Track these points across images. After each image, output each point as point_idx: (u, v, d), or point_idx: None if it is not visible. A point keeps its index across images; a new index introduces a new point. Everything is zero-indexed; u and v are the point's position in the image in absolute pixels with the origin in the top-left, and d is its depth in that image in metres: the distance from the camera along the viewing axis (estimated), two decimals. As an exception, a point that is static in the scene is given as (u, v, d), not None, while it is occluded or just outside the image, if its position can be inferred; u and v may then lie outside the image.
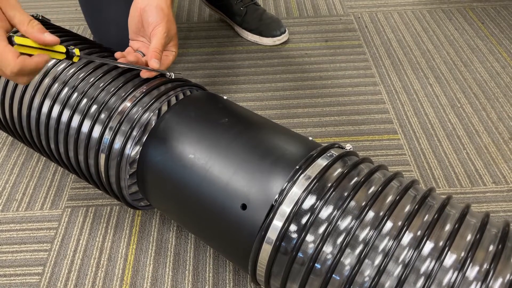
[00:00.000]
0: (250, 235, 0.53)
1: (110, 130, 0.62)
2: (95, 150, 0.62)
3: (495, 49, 1.13)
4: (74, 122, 0.64)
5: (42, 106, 0.67)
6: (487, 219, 0.48)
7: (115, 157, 0.62)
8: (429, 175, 0.83)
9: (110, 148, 0.61)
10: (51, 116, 0.66)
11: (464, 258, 0.43)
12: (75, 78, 0.66)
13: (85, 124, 0.63)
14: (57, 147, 0.68)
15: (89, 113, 0.63)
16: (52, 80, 0.67)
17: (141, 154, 0.63)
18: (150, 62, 0.63)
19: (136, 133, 0.62)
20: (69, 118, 0.64)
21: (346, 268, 0.47)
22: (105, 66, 0.67)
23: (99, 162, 0.63)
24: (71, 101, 0.65)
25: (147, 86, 0.64)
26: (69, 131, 0.65)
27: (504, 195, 0.79)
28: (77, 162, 0.67)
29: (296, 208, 0.50)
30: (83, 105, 0.64)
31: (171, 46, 0.69)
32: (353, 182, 0.52)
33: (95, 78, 0.65)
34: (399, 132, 0.91)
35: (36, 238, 0.75)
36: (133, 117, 0.61)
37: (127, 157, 0.62)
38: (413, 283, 0.44)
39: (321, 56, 1.12)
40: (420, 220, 0.48)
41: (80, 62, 0.67)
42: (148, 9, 0.66)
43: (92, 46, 0.73)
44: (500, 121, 0.93)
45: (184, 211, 0.62)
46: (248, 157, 0.57)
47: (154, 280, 0.68)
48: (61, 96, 0.66)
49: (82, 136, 0.64)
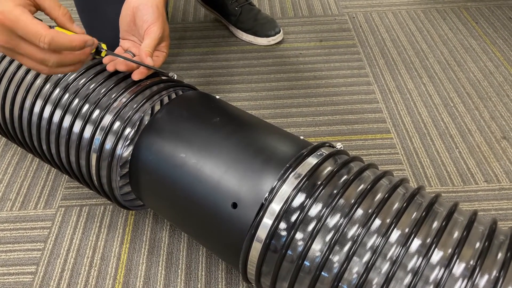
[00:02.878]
0: (241, 233, 0.53)
1: (101, 130, 0.62)
2: (86, 151, 0.63)
3: (489, 48, 1.14)
4: (66, 122, 0.64)
5: (33, 107, 0.67)
6: (474, 217, 0.48)
7: (106, 158, 0.62)
8: (421, 174, 0.83)
9: (102, 148, 0.62)
10: (42, 117, 0.66)
11: (451, 255, 0.44)
12: (67, 78, 0.66)
13: (77, 124, 0.63)
14: (48, 148, 0.68)
15: (80, 113, 0.64)
16: (44, 81, 0.67)
17: (133, 154, 0.63)
18: (145, 60, 0.63)
19: (127, 133, 0.62)
20: (60, 118, 0.64)
21: (335, 265, 0.47)
22: (98, 66, 0.67)
23: (90, 163, 0.64)
24: (63, 102, 0.65)
25: (139, 86, 0.64)
26: (60, 132, 0.65)
27: (496, 193, 0.80)
28: (68, 162, 0.67)
29: (286, 206, 0.50)
30: (74, 105, 0.64)
31: (162, 47, 0.68)
32: (343, 180, 0.52)
33: (87, 79, 0.65)
34: (392, 132, 0.92)
35: (30, 237, 0.75)
36: (125, 116, 0.61)
37: (118, 157, 0.62)
38: (401, 279, 0.44)
39: (315, 56, 1.13)
40: (409, 218, 0.48)
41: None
42: (142, 8, 0.65)
43: None
44: (493, 120, 0.94)
45: (176, 210, 0.62)
46: (239, 156, 0.57)
47: (147, 279, 0.69)
48: (53, 96, 0.66)
49: (73, 136, 0.64)
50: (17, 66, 0.70)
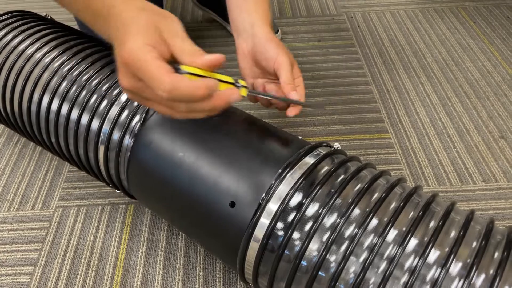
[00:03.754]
0: (238, 233, 0.53)
1: (108, 121, 0.63)
2: (94, 142, 0.64)
3: (487, 48, 1.14)
4: (74, 114, 0.66)
5: (41, 100, 0.68)
6: (471, 216, 0.48)
7: (114, 148, 0.63)
8: (419, 173, 0.83)
9: (109, 139, 0.63)
10: (50, 110, 0.68)
11: (447, 254, 0.44)
12: (73, 72, 0.68)
13: (84, 116, 0.65)
14: (57, 140, 0.69)
15: (88, 105, 0.65)
16: (51, 75, 0.68)
17: (132, 152, 0.63)
18: (289, 95, 0.58)
19: (134, 124, 0.63)
20: (68, 110, 0.66)
21: (332, 264, 0.47)
22: (103, 60, 0.68)
23: (98, 153, 0.65)
24: (70, 94, 0.66)
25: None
26: (68, 124, 0.66)
27: (494, 193, 0.80)
28: (77, 153, 0.68)
29: (283, 206, 0.50)
30: (81, 98, 0.66)
31: (295, 71, 0.63)
32: (340, 180, 0.52)
33: (94, 71, 0.66)
34: (390, 131, 0.92)
35: (27, 238, 0.75)
36: (133, 107, 0.63)
37: (126, 147, 0.63)
38: (397, 278, 0.44)
39: (314, 56, 1.13)
40: (406, 217, 0.48)
41: (78, 56, 0.69)
42: (259, 49, 0.62)
43: (81, 37, 0.75)
44: (490, 120, 0.94)
45: (174, 209, 0.62)
46: (237, 156, 0.57)
47: (145, 279, 0.69)
48: (60, 89, 0.67)
49: (81, 128, 0.65)
50: (25, 60, 0.71)
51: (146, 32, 0.45)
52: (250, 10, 0.65)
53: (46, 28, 0.76)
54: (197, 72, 0.45)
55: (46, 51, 0.70)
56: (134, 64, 0.43)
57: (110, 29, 0.48)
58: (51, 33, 0.75)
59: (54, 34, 0.74)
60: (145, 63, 0.43)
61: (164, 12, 0.49)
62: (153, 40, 0.45)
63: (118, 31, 0.47)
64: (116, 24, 0.47)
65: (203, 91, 0.43)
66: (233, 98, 0.46)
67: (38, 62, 0.70)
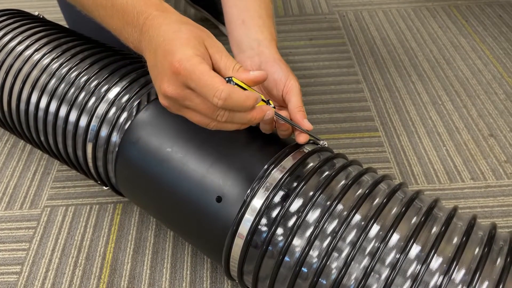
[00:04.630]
0: (224, 229, 0.53)
1: (96, 118, 0.64)
2: (82, 139, 0.64)
3: (478, 46, 1.14)
4: (62, 111, 0.66)
5: (30, 98, 0.68)
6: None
7: (102, 145, 0.63)
8: (408, 172, 0.83)
9: (97, 135, 0.63)
10: (39, 107, 0.68)
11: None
12: (61, 69, 0.68)
13: (72, 113, 0.65)
14: (46, 137, 0.69)
15: (76, 102, 0.65)
16: (40, 72, 0.68)
17: (120, 148, 0.63)
18: (302, 123, 0.56)
19: (122, 120, 0.63)
20: (57, 107, 0.66)
21: (314, 260, 0.47)
22: (93, 57, 0.68)
23: (86, 150, 0.65)
24: (59, 91, 0.66)
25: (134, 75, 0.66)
26: (57, 121, 0.66)
27: (482, 191, 0.79)
28: (65, 150, 0.68)
29: (268, 202, 0.50)
30: (70, 95, 0.66)
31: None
32: (324, 176, 0.52)
33: (82, 69, 0.66)
34: (380, 130, 0.92)
35: (15, 237, 0.74)
36: (121, 104, 0.63)
37: (114, 144, 0.63)
38: (379, 274, 0.44)
39: (305, 55, 1.13)
40: (389, 213, 0.48)
41: (68, 53, 0.69)
42: (266, 69, 0.58)
43: (71, 35, 0.75)
44: (480, 118, 0.94)
45: (162, 205, 0.62)
46: (225, 151, 0.57)
47: (132, 278, 0.68)
48: (49, 86, 0.67)
49: (69, 126, 0.66)
50: (14, 58, 0.71)
51: (194, 45, 0.46)
52: (256, 27, 0.63)
53: (36, 26, 0.76)
54: (243, 86, 0.47)
55: (35, 48, 0.71)
56: (186, 74, 0.45)
57: (143, 39, 0.50)
58: (41, 31, 0.75)
59: (44, 32, 0.74)
60: (200, 73, 0.44)
61: (202, 27, 0.50)
62: (201, 52, 0.46)
63: (158, 42, 0.47)
64: (153, 34, 0.48)
65: (253, 102, 0.46)
66: (268, 114, 0.49)
67: (27, 59, 0.70)
